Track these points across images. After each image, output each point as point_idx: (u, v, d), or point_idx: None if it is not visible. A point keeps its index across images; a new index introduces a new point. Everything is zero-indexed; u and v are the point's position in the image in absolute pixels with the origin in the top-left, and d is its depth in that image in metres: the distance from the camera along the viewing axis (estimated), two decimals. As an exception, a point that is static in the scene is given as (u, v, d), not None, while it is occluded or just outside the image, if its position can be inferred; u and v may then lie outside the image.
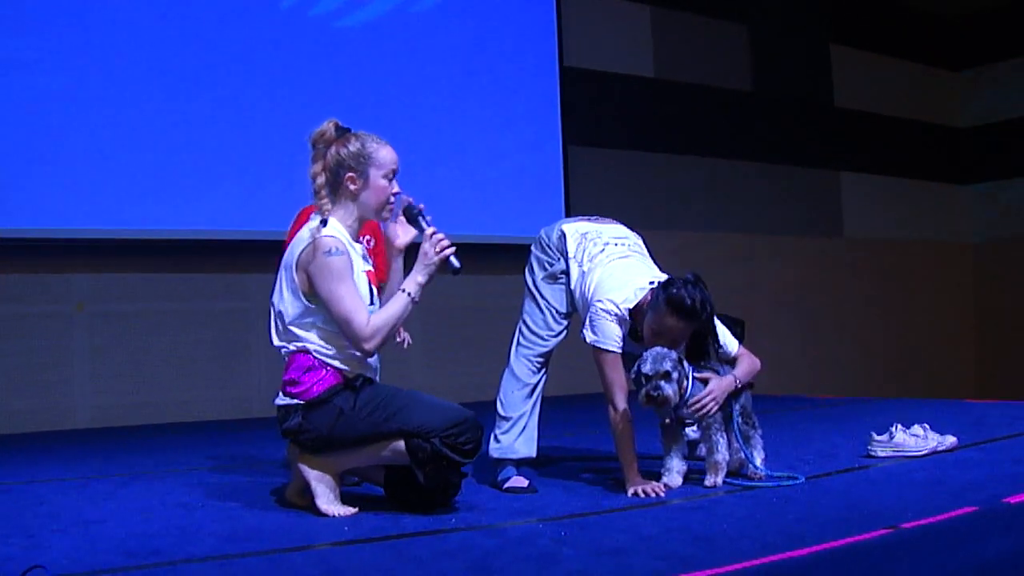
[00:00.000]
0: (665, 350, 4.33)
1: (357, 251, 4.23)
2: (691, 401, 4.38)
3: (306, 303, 4.11)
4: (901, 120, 13.63)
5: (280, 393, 4.19)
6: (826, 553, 3.11)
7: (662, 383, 4.27)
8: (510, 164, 9.82)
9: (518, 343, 5.07)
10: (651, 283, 4.65)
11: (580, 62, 10.64)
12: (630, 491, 4.33)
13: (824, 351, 12.30)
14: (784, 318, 11.70)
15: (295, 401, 4.13)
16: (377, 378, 4.30)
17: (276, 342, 4.25)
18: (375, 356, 4.25)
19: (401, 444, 4.02)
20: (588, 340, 4.67)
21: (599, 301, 4.64)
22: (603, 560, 3.14)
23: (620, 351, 4.65)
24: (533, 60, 10.19)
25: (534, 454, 4.99)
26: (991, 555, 3.35)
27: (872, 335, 12.82)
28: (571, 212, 9.51)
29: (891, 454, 4.97)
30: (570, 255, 4.98)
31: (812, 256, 12.43)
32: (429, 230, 4.19)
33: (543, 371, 5.09)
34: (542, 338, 5.03)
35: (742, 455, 4.53)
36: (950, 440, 5.14)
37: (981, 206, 14.26)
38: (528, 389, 5.03)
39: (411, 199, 4.31)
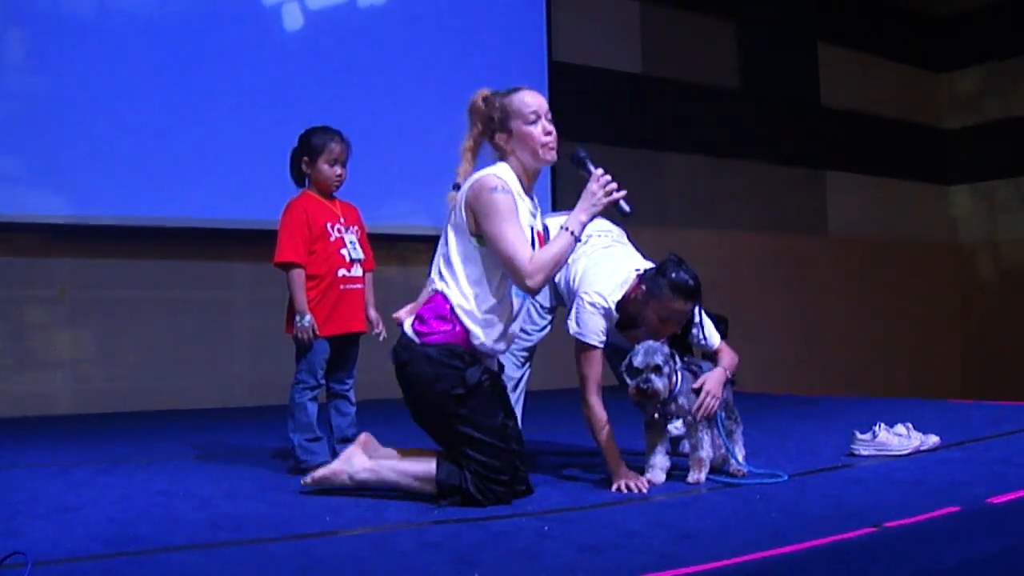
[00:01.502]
0: (657, 344, 4.32)
1: (525, 202, 4.22)
2: (694, 408, 4.37)
3: (471, 241, 4.11)
4: (887, 120, 13.68)
5: (409, 322, 4.19)
6: (809, 551, 3.11)
7: (653, 376, 4.26)
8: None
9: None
10: (636, 271, 4.64)
11: (568, 57, 10.63)
12: (615, 485, 4.32)
13: (807, 349, 12.31)
14: (768, 316, 11.71)
15: (414, 338, 4.12)
16: (496, 366, 4.32)
17: (431, 276, 4.23)
18: (514, 309, 4.23)
19: (430, 487, 4.03)
20: (571, 331, 4.66)
21: (585, 293, 4.63)
22: (586, 555, 3.13)
23: (601, 346, 4.64)
24: (522, 54, 10.17)
25: (517, 449, 4.98)
26: (974, 555, 3.35)
27: (856, 334, 12.84)
28: (557, 207, 9.49)
29: (874, 453, 4.96)
30: (555, 249, 4.97)
31: (797, 254, 12.45)
32: (597, 171, 4.20)
33: (527, 365, 5.10)
34: (526, 332, 5.03)
35: (724, 451, 4.52)
36: (933, 440, 5.14)
37: (965, 206, 14.31)
38: (512, 384, 5.02)
39: (583, 152, 4.33)
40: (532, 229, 4.20)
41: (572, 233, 4.09)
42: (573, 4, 10.83)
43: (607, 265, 4.74)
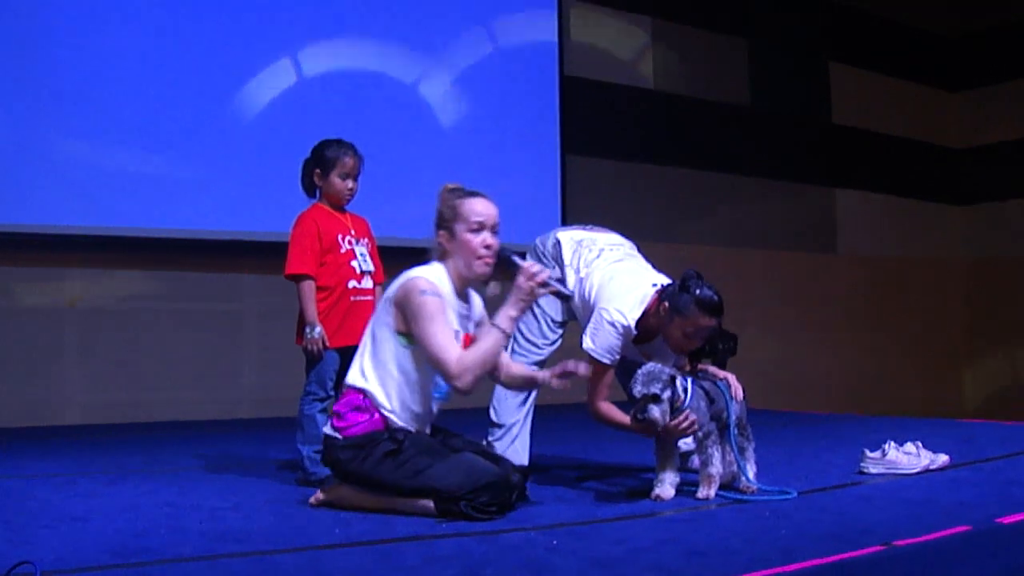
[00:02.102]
0: (658, 369, 4.28)
1: (454, 304, 4.27)
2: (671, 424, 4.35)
3: (397, 339, 4.18)
4: (898, 139, 13.66)
5: (327, 427, 4.31)
6: (819, 568, 3.09)
7: (650, 406, 4.23)
8: (508, 171, 9.80)
9: (512, 351, 5.06)
10: (653, 285, 4.64)
11: (581, 71, 10.64)
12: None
13: (817, 367, 12.28)
14: (777, 333, 11.68)
15: (336, 435, 4.20)
16: (427, 429, 4.35)
17: (349, 376, 4.31)
18: (432, 415, 4.33)
19: (430, 504, 4.05)
20: (584, 347, 4.66)
21: (605, 311, 4.62)
22: (595, 571, 3.11)
23: (613, 364, 4.64)
24: (534, 68, 10.19)
25: (526, 462, 4.99)
26: (985, 575, 3.33)
27: (865, 352, 12.81)
28: (567, 221, 9.50)
29: (883, 471, 4.95)
30: (566, 262, 4.98)
31: (806, 272, 12.43)
32: (524, 264, 4.18)
33: (537, 379, 5.08)
34: (537, 346, 5.03)
35: (735, 468, 4.51)
36: (943, 459, 5.12)
37: (975, 226, 14.27)
38: (521, 397, 5.04)
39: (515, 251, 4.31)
40: (458, 334, 4.24)
41: (501, 330, 4.13)
42: (586, 20, 10.85)
43: (624, 280, 4.73)
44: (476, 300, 4.45)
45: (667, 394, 4.25)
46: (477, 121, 9.75)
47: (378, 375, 4.19)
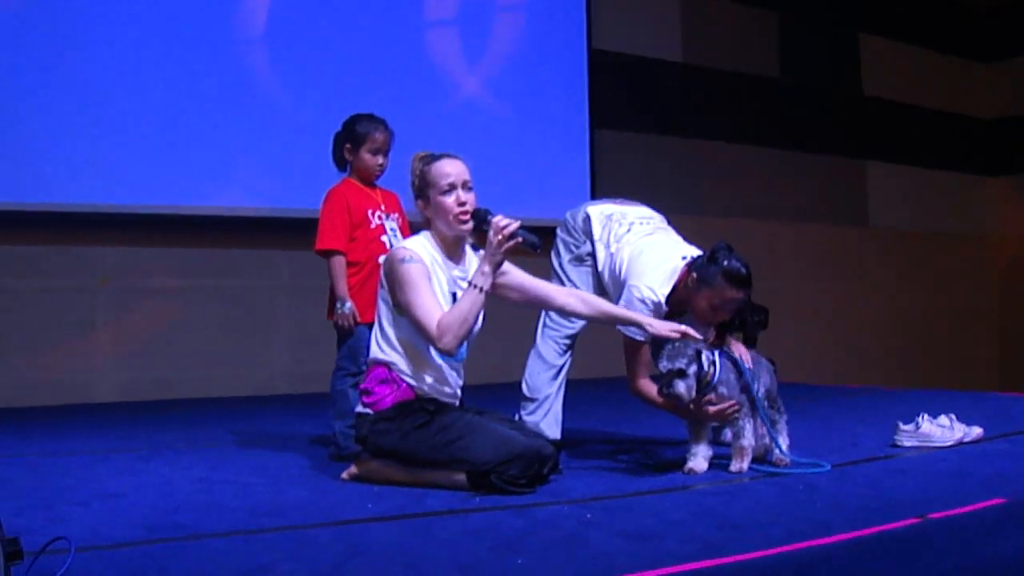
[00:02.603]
0: (683, 344, 4.26)
1: (444, 268, 4.30)
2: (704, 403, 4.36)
3: (393, 310, 4.24)
4: (929, 110, 13.55)
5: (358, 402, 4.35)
6: (853, 541, 3.09)
7: (676, 381, 4.22)
8: (537, 146, 9.79)
9: (544, 325, 5.06)
10: (683, 258, 4.62)
11: (609, 45, 10.59)
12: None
13: (847, 340, 12.24)
14: (808, 307, 11.64)
15: (367, 411, 4.24)
16: (456, 402, 4.38)
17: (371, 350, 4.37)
18: (455, 378, 4.36)
19: (463, 477, 4.07)
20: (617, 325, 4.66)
21: (635, 287, 4.60)
22: (630, 543, 3.11)
23: (646, 340, 4.63)
24: (562, 42, 10.15)
25: (559, 436, 4.99)
26: (1021, 547, 3.31)
27: (896, 325, 12.77)
28: (597, 195, 9.47)
29: (917, 444, 4.93)
30: (596, 237, 4.96)
31: (837, 245, 12.38)
32: (495, 219, 4.16)
33: (569, 353, 5.08)
34: (568, 320, 5.01)
35: (767, 441, 4.50)
36: (976, 431, 5.09)
37: (1008, 198, 14.18)
38: (554, 371, 5.03)
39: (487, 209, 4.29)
40: (454, 295, 4.26)
41: (476, 286, 4.12)
42: (613, -8, 10.81)
43: (654, 254, 4.71)
44: (474, 258, 4.45)
45: (693, 369, 4.23)
46: (506, 96, 9.72)
47: (392, 347, 4.24)
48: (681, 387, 4.22)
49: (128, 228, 8.12)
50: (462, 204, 4.24)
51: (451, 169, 4.27)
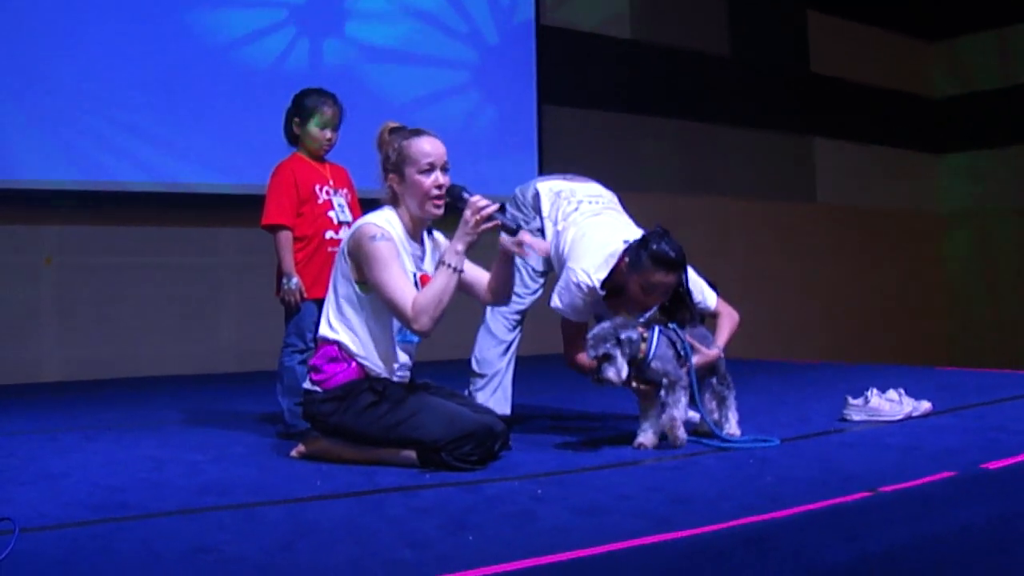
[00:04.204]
0: (607, 327, 4.26)
1: (409, 248, 4.25)
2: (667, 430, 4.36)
3: (354, 287, 4.17)
4: (876, 88, 13.65)
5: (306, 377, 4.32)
6: (806, 515, 3.09)
7: (604, 367, 4.22)
8: (485, 122, 9.79)
9: (495, 300, 5.04)
10: (625, 242, 4.61)
11: (557, 21, 10.58)
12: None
13: (795, 316, 12.32)
14: (756, 282, 11.68)
15: (316, 388, 4.20)
16: (406, 379, 4.34)
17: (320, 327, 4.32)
18: (407, 359, 4.31)
19: (412, 455, 4.05)
20: (551, 304, 4.69)
21: (572, 270, 4.60)
22: (581, 518, 3.10)
23: (581, 321, 4.64)
24: (510, 17, 10.11)
25: (509, 412, 4.99)
26: (972, 520, 3.33)
27: (844, 301, 12.86)
28: (545, 171, 9.45)
29: (866, 418, 4.95)
30: (544, 214, 4.96)
31: (785, 221, 12.43)
32: (472, 198, 4.10)
33: (518, 329, 5.09)
34: (519, 296, 5.00)
35: (697, 419, 4.52)
36: (925, 406, 5.12)
37: (953, 176, 14.30)
38: (503, 347, 5.03)
39: (464, 186, 4.23)
40: (415, 275, 4.22)
41: (450, 265, 4.07)
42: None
43: (596, 237, 4.70)
44: (438, 239, 4.43)
45: (618, 351, 4.22)
46: (454, 71, 9.68)
47: (345, 325, 4.19)
48: (611, 372, 4.21)
49: (72, 205, 8.01)
50: (439, 187, 4.19)
51: (432, 148, 4.21)
